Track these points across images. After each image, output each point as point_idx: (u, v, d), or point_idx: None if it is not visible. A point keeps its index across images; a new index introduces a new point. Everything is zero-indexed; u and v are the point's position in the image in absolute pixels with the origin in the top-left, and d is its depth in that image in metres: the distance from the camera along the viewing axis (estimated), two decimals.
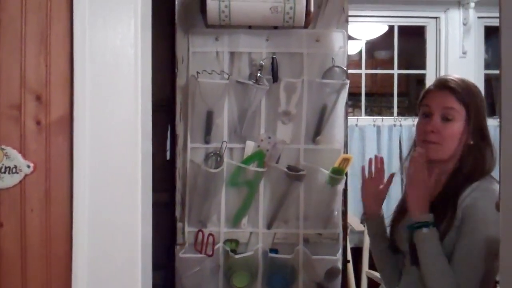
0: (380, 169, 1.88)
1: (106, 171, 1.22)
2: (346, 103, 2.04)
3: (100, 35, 1.19)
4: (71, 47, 1.18)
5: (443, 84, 1.69)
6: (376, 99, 5.59)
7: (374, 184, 1.87)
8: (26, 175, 1.20)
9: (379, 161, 1.89)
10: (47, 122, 1.20)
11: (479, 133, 1.65)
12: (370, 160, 1.89)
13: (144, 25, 1.26)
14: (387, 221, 1.89)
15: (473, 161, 1.63)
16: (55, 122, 1.20)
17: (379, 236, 1.88)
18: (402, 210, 1.78)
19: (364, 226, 2.46)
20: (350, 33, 4.12)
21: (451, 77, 1.70)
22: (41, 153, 1.20)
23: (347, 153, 2.05)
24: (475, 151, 1.64)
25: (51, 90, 1.19)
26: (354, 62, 4.55)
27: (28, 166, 1.20)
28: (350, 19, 2.10)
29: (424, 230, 1.54)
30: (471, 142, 1.64)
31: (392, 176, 1.88)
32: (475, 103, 1.66)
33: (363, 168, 1.89)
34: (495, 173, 1.54)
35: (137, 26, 1.21)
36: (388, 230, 1.87)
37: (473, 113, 1.64)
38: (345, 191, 2.03)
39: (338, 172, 1.96)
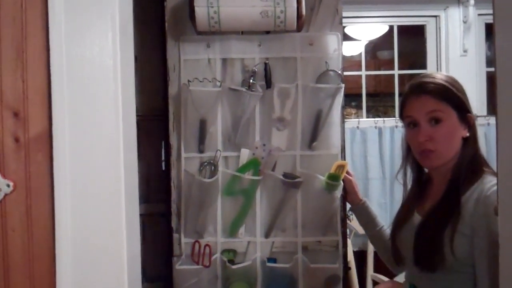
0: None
1: (88, 187, 1.18)
2: (342, 107, 2.00)
3: (77, 48, 1.15)
4: (48, 62, 1.15)
5: (419, 89, 1.67)
6: (381, 99, 5.54)
7: None
8: (6, 195, 1.17)
9: None
10: (26, 139, 1.17)
11: (471, 123, 1.64)
12: None
13: (124, 35, 1.23)
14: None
15: (473, 152, 1.61)
16: (34, 138, 1.17)
17: (370, 223, 2.02)
18: (403, 215, 1.79)
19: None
20: (350, 34, 4.10)
21: (424, 79, 1.68)
22: (20, 171, 1.17)
23: (344, 158, 2.00)
24: (472, 143, 1.62)
25: (29, 106, 1.16)
26: (355, 63, 4.50)
27: (8, 185, 1.17)
28: (349, 20, 2.07)
29: None
30: (467, 134, 1.62)
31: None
32: (455, 95, 1.63)
33: None
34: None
35: (115, 37, 1.17)
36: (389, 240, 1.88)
37: (458, 105, 1.62)
38: (343, 197, 1.98)
39: (335, 178, 1.91)
